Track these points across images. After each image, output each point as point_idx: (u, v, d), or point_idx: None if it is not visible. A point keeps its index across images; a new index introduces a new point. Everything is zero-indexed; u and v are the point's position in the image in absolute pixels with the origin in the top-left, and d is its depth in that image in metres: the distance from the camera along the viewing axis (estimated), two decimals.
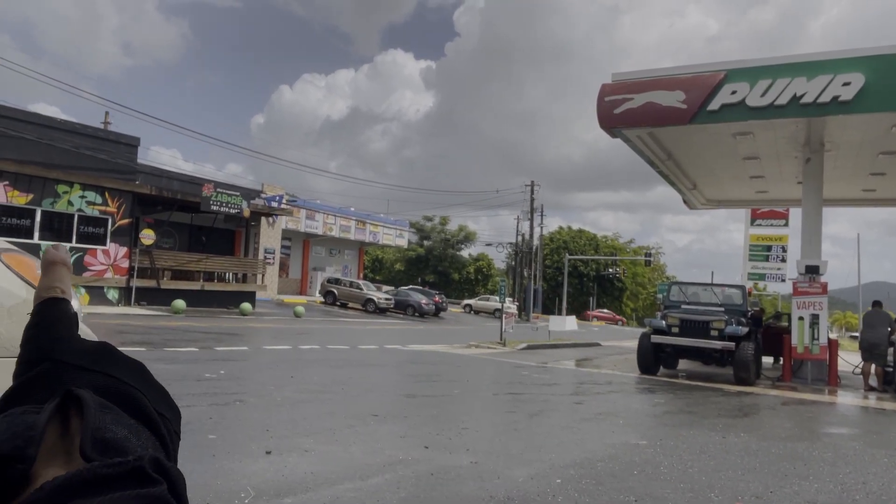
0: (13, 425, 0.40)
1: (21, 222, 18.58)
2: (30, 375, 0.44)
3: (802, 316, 12.94)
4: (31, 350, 0.46)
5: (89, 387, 0.43)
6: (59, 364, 0.44)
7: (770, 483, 4.89)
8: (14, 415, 0.41)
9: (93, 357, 0.46)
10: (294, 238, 38.45)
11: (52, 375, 0.43)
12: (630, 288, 68.18)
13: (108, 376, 0.44)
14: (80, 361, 0.45)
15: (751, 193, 19.19)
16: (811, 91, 10.83)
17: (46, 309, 0.49)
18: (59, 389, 0.42)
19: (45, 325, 0.48)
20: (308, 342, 14.37)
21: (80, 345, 0.47)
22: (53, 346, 0.46)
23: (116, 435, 0.41)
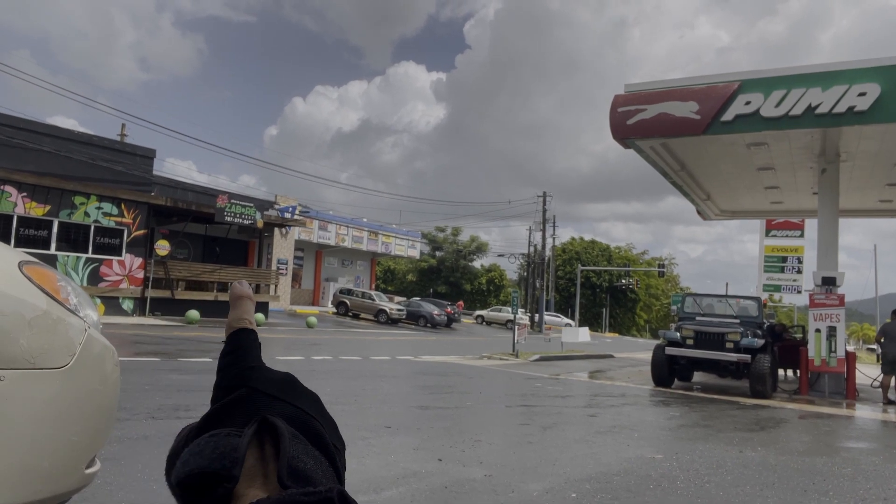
0: (220, 446, 0.43)
1: (39, 233, 18.80)
2: (228, 400, 0.47)
3: (819, 328, 12.78)
4: (227, 376, 0.49)
5: (280, 415, 0.46)
6: (254, 391, 0.47)
7: (789, 499, 4.81)
8: (219, 436, 0.44)
9: (281, 387, 0.49)
10: (307, 249, 38.62)
11: (248, 402, 0.46)
12: (643, 299, 67.75)
13: (294, 406, 0.47)
14: (271, 390, 0.48)
15: (766, 204, 19.05)
16: (826, 101, 10.76)
17: (239, 338, 0.53)
18: (254, 415, 0.45)
19: (240, 353, 0.51)
20: (320, 353, 14.39)
21: (270, 374, 0.50)
22: (248, 373, 0.49)
23: (306, 465, 0.43)
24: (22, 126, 20.01)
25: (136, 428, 5.36)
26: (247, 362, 0.50)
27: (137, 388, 7.26)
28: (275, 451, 0.43)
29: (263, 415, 0.45)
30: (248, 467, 0.42)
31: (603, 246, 67.06)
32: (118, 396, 2.65)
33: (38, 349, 2.16)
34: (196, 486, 0.42)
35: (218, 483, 0.41)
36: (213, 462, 0.42)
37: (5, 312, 2.09)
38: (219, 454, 0.42)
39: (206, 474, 0.42)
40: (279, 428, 0.44)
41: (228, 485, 0.41)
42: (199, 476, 0.42)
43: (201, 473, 0.42)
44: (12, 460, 2.07)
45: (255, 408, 0.46)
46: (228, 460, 0.42)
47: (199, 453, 0.43)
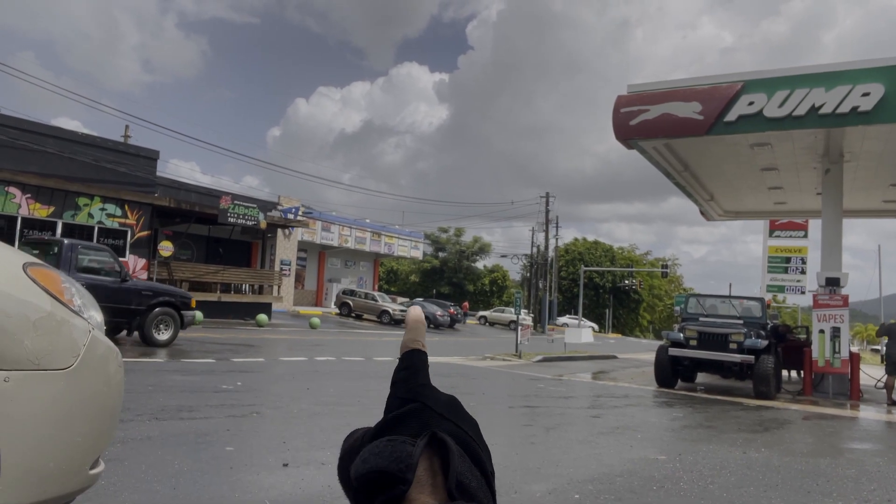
0: (397, 450, 0.47)
1: (43, 234, 18.84)
2: (402, 411, 0.52)
3: (823, 329, 12.76)
4: (402, 389, 0.55)
5: (447, 432, 0.50)
6: (426, 407, 0.52)
7: (793, 500, 4.80)
8: (396, 441, 0.48)
9: (448, 407, 0.54)
10: (310, 250, 38.66)
11: (420, 416, 0.51)
12: (647, 300, 67.67)
13: (458, 427, 0.52)
14: (440, 409, 0.53)
15: (769, 205, 19.02)
16: (830, 102, 10.75)
17: (413, 357, 0.59)
18: (425, 429, 0.49)
19: (413, 371, 0.57)
20: (323, 354, 14.40)
21: (438, 394, 0.56)
22: (420, 390, 0.55)
23: (471, 483, 0.47)
24: (26, 127, 20.07)
25: (139, 429, 5.37)
26: (419, 380, 0.56)
27: (141, 389, 7.27)
28: (442, 464, 0.47)
29: (433, 430, 0.49)
30: (418, 475, 0.46)
31: (606, 246, 66.99)
32: (122, 397, 2.66)
33: (42, 350, 2.16)
34: (373, 484, 0.46)
35: (393, 484, 0.45)
36: (390, 463, 0.46)
37: (10, 314, 2.10)
38: (396, 457, 0.46)
39: (384, 474, 0.46)
40: (449, 444, 0.48)
41: (403, 487, 0.45)
42: (378, 474, 0.46)
43: (380, 472, 0.46)
44: (17, 461, 2.08)
45: (425, 422, 0.50)
46: (404, 464, 0.46)
47: (378, 454, 0.47)
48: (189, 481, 4.07)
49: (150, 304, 12.59)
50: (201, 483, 4.07)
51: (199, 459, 4.64)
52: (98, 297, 9.37)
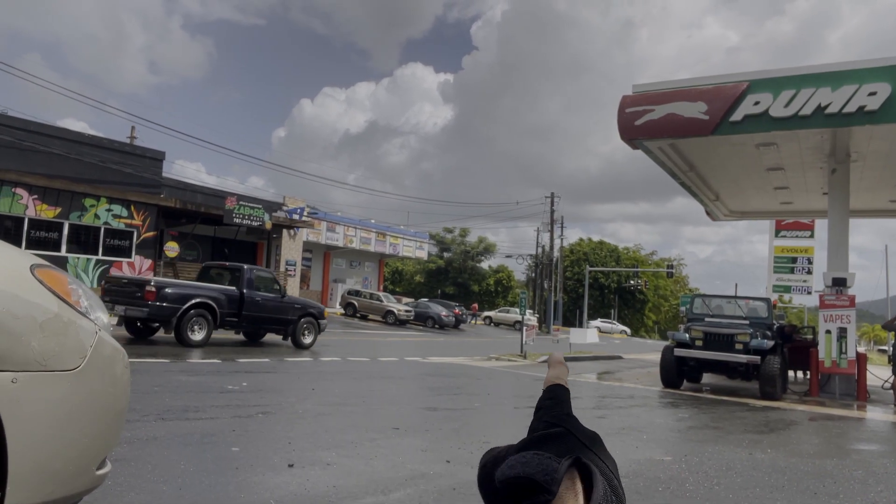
0: (543, 463, 0.50)
1: (49, 235, 18.95)
2: (548, 433, 0.57)
3: (830, 329, 12.71)
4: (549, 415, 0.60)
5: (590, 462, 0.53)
6: (571, 434, 0.57)
7: (799, 501, 4.78)
8: (543, 456, 0.51)
9: (592, 439, 0.59)
10: (315, 250, 38.73)
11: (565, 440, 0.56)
12: (652, 300, 67.54)
13: (601, 460, 0.57)
14: (584, 440, 0.58)
15: (775, 205, 18.95)
16: (836, 101, 10.70)
17: (557, 391, 0.65)
18: (568, 451, 0.53)
19: (559, 401, 0.63)
20: (328, 354, 14.42)
21: (582, 426, 0.61)
22: (566, 418, 0.60)
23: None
24: (33, 129, 20.18)
25: (145, 429, 5.39)
26: (564, 409, 0.61)
27: (147, 390, 7.30)
28: (584, 488, 0.49)
29: (578, 455, 0.52)
30: (561, 491, 0.49)
31: (611, 247, 66.90)
32: (128, 398, 2.67)
33: (49, 351, 2.18)
34: (519, 489, 0.49)
35: (537, 492, 0.48)
36: (537, 473, 0.49)
37: (18, 315, 2.11)
38: (542, 468, 0.49)
39: (531, 481, 0.49)
40: (593, 470, 0.51)
41: (547, 496, 0.48)
42: (526, 480, 0.49)
43: (527, 478, 0.49)
44: (25, 461, 2.09)
45: (570, 447, 0.54)
46: (550, 476, 0.48)
47: (526, 463, 0.50)
48: (195, 482, 4.09)
49: (299, 315, 15.01)
50: (207, 483, 4.09)
51: (205, 460, 4.65)
52: (267, 310, 11.91)
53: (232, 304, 13.77)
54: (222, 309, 13.54)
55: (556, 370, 0.66)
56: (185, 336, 12.86)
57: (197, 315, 13.00)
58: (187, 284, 13.96)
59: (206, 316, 13.18)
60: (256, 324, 14.47)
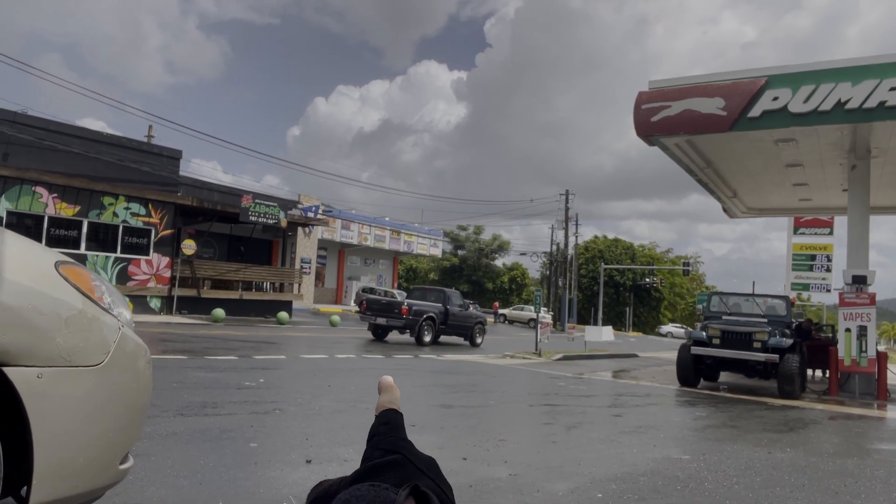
0: (380, 496, 0.48)
1: (69, 233, 19.18)
2: (384, 461, 0.55)
3: (849, 327, 12.55)
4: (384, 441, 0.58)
5: (427, 488, 0.51)
6: (408, 461, 0.55)
7: (820, 501, 4.73)
8: (379, 487, 0.50)
9: (427, 465, 0.58)
10: (330, 248, 38.88)
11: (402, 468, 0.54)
12: (668, 298, 67.08)
13: (438, 486, 0.55)
14: (421, 465, 0.56)
15: (794, 201, 18.74)
16: (856, 96, 10.55)
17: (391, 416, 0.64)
18: (406, 480, 0.51)
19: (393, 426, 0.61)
20: (343, 351, 14.48)
21: (418, 452, 0.59)
22: (402, 444, 0.58)
23: None
24: (53, 128, 20.43)
25: (165, 425, 5.45)
26: (399, 434, 0.59)
27: (166, 386, 7.37)
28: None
29: (416, 483, 0.50)
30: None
31: (626, 244, 66.53)
32: (150, 393, 2.70)
33: (74, 347, 2.20)
34: None
35: None
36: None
37: (43, 311, 2.14)
38: (379, 501, 0.47)
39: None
40: (431, 498, 0.49)
41: None
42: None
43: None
44: (50, 456, 2.12)
45: (406, 474, 0.52)
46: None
47: (361, 497, 0.48)
48: (214, 476, 4.12)
49: (474, 322, 20.59)
50: (226, 478, 4.12)
51: (224, 455, 4.69)
52: (459, 319, 17.45)
53: (441, 315, 19.30)
54: (438, 319, 19.16)
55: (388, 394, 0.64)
56: (421, 337, 18.57)
57: (427, 323, 18.73)
58: (421, 304, 19.27)
59: (432, 324, 18.95)
60: (454, 329, 19.89)
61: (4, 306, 2.03)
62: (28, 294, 2.11)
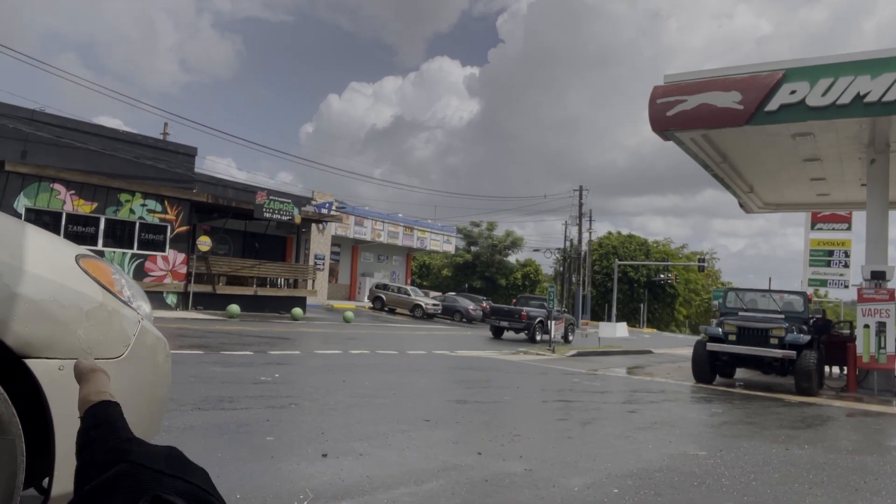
0: None
1: (86, 230, 19.38)
2: (107, 477, 0.40)
3: (868, 324, 12.41)
4: (99, 451, 0.41)
5: (173, 492, 0.40)
6: (137, 466, 0.41)
7: (840, 498, 4.68)
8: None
9: (168, 461, 0.42)
10: (343, 244, 39.01)
11: (132, 478, 0.40)
12: (683, 294, 66.60)
13: (186, 482, 0.42)
14: (157, 465, 0.41)
15: (811, 196, 18.54)
16: (876, 89, 10.41)
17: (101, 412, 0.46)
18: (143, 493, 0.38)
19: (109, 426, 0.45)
20: (358, 347, 14.53)
21: (152, 448, 0.42)
22: (125, 447, 0.42)
23: None
24: (70, 126, 20.65)
25: (183, 419, 5.50)
26: (121, 435, 0.40)
27: (183, 381, 7.43)
28: None
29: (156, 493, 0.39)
30: None
31: (640, 240, 66.13)
32: (170, 386, 2.72)
33: (94, 340, 2.22)
34: None
35: None
36: None
37: (64, 304, 2.16)
38: None
39: None
40: None
41: None
42: None
43: None
44: (71, 447, 2.14)
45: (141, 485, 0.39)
46: None
47: None
48: (232, 469, 4.16)
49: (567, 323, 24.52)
50: (244, 471, 4.15)
51: (241, 449, 4.73)
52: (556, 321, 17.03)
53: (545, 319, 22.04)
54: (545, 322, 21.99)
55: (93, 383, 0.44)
56: (533, 337, 22.53)
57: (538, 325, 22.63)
58: (534, 310, 23.13)
59: (541, 326, 22.52)
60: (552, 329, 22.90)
61: (27, 299, 2.06)
62: (49, 287, 2.14)
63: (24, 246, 2.18)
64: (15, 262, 2.08)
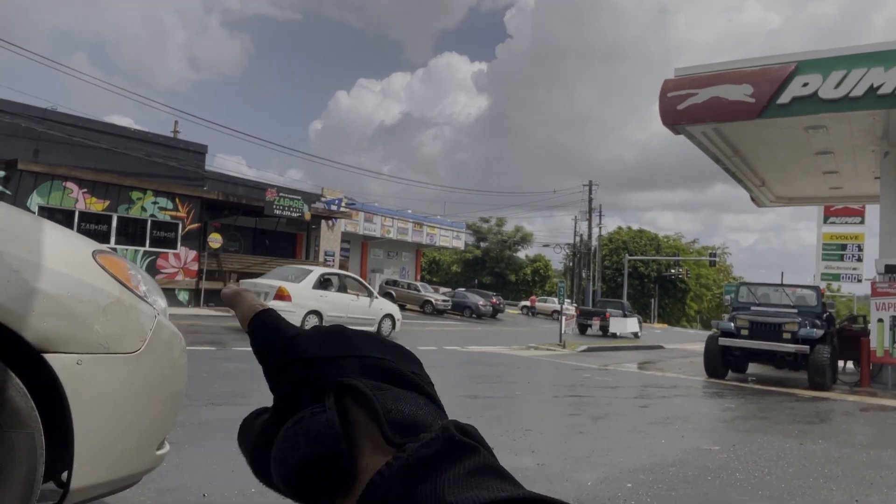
0: (311, 429, 0.38)
1: (99, 227, 19.53)
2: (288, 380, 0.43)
3: (882, 318, 12.30)
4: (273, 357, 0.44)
5: (353, 372, 0.41)
6: (311, 361, 0.42)
7: (855, 492, 4.65)
8: (304, 419, 0.39)
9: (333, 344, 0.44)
10: (353, 240, 39.08)
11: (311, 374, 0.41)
12: (694, 289, 66.29)
13: (357, 357, 0.43)
14: (328, 352, 0.43)
15: (824, 190, 18.37)
16: (889, 81, 10.30)
17: (260, 321, 0.47)
18: (326, 384, 0.40)
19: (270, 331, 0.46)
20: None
21: (315, 334, 0.45)
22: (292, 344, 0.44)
23: (404, 412, 0.39)
24: (81, 125, 20.80)
25: (197, 414, 5.53)
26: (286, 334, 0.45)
27: (196, 376, 7.48)
28: (366, 412, 0.39)
29: (335, 379, 0.40)
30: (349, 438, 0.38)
31: (651, 235, 65.85)
32: (185, 381, 2.74)
33: (111, 334, 2.24)
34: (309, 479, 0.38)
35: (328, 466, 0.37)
36: (313, 448, 0.38)
37: (82, 299, 2.18)
38: (313, 438, 0.38)
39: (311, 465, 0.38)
40: (359, 387, 0.39)
41: (340, 462, 0.37)
42: (306, 468, 0.38)
43: (307, 465, 0.38)
44: (90, 441, 2.16)
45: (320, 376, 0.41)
46: (328, 440, 0.37)
47: (293, 447, 0.39)
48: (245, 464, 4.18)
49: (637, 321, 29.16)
50: None
51: None
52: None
53: None
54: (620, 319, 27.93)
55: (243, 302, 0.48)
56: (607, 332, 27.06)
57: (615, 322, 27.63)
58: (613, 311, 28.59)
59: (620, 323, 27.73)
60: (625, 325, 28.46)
61: (44, 294, 2.07)
62: (67, 282, 2.16)
63: (41, 241, 2.20)
64: (32, 258, 2.10)
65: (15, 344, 2.03)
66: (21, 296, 2.01)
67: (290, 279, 15.33)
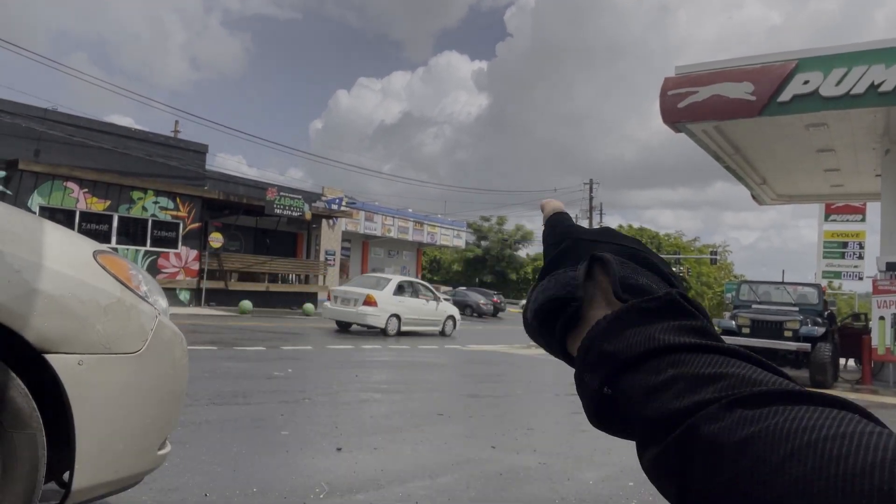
0: (561, 279, 0.50)
1: (100, 227, 19.54)
2: (559, 250, 0.55)
3: (883, 315, 12.29)
4: (554, 235, 0.58)
5: (607, 251, 0.52)
6: (578, 240, 0.55)
7: None
8: (558, 273, 0.52)
9: (600, 234, 0.56)
10: (353, 240, 39.08)
11: (575, 249, 0.54)
12: (695, 287, 66.29)
13: (618, 245, 0.54)
14: (594, 237, 0.55)
15: (825, 187, 18.35)
16: (890, 79, 10.28)
17: (553, 219, 0.62)
18: (583, 255, 0.52)
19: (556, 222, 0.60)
20: (369, 342, 14.57)
21: (589, 229, 0.58)
22: (569, 230, 0.57)
23: (639, 282, 0.48)
24: (82, 125, 20.81)
25: (198, 413, 5.54)
26: (565, 224, 0.59)
27: (198, 376, 7.49)
28: (609, 278, 0.48)
29: (592, 253, 0.51)
30: (589, 294, 0.49)
31: (652, 233, 65.87)
32: (187, 381, 2.74)
33: (113, 335, 2.24)
34: (550, 313, 0.49)
35: (565, 306, 0.48)
36: (558, 290, 0.49)
37: (83, 300, 2.18)
38: (562, 284, 0.49)
39: (554, 300, 0.49)
40: (605, 257, 0.50)
41: (574, 303, 0.48)
42: (549, 303, 0.49)
43: (550, 300, 0.49)
44: (91, 441, 2.16)
45: (580, 252, 0.53)
46: (570, 287, 0.49)
47: (545, 289, 0.51)
48: (247, 463, 4.18)
49: None
50: (259, 465, 4.18)
51: (256, 443, 4.76)
52: None
53: None
54: None
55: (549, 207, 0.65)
56: None
57: None
58: None
59: None
60: None
61: (46, 294, 2.08)
62: (68, 282, 2.16)
63: (43, 242, 2.20)
64: (34, 258, 2.11)
65: (16, 344, 2.03)
66: (22, 296, 2.01)
67: (373, 287, 16.99)
